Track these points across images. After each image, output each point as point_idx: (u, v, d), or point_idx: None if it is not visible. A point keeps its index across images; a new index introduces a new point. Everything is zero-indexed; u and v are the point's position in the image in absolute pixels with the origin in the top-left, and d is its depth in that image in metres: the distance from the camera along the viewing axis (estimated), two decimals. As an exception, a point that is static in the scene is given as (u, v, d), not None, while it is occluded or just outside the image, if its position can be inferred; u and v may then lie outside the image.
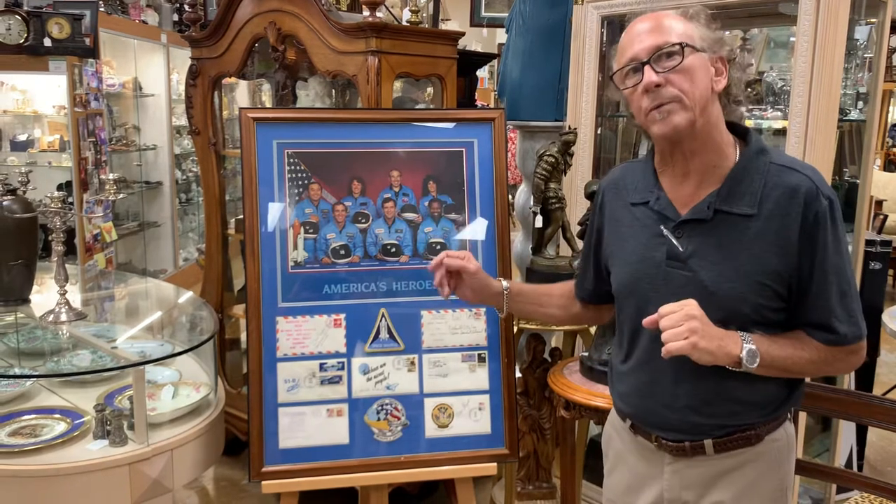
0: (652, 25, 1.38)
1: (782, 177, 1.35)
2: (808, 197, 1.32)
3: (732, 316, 1.36)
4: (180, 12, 6.05)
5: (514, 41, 3.14)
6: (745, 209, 1.36)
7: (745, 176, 1.37)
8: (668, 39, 1.34)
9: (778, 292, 1.36)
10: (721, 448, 1.45)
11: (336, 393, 2.06)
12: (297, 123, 2.17)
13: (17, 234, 2.37)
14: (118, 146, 5.48)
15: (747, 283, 1.35)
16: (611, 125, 2.99)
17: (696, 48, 1.34)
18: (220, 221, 3.19)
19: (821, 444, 2.85)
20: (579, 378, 2.18)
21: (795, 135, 2.21)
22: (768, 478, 1.47)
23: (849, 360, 1.41)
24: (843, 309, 1.36)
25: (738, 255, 1.36)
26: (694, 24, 1.37)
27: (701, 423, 1.44)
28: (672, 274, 1.42)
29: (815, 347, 1.37)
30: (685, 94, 1.33)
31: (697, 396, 1.43)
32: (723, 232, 1.37)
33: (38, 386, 2.32)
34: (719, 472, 1.47)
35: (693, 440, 1.46)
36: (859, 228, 2.61)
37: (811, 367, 1.40)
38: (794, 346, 1.37)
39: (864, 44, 2.65)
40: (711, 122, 1.37)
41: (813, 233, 1.33)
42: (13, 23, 4.22)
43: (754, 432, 1.44)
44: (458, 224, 2.15)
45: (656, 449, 1.50)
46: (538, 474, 2.65)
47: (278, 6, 2.68)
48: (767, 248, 1.34)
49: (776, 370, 1.37)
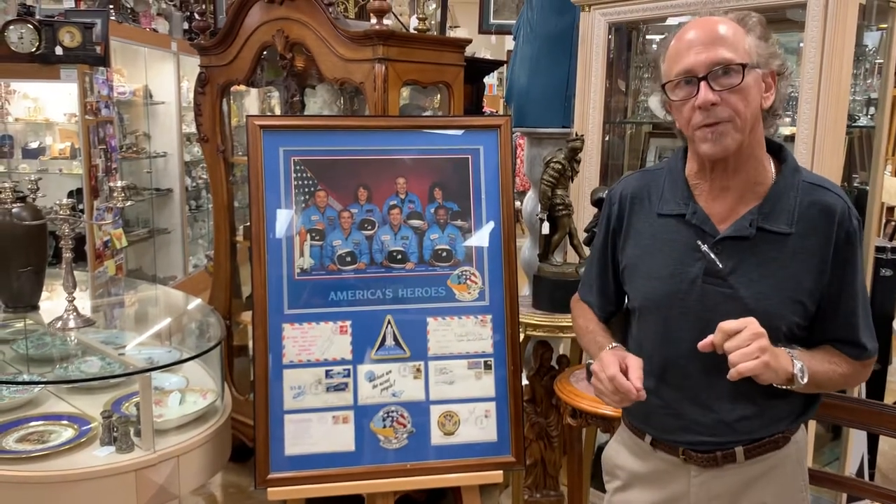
0: (709, 36, 1.30)
1: (815, 195, 1.36)
2: (842, 217, 1.35)
3: (769, 333, 1.30)
4: (190, 21, 6.09)
5: (522, 48, 3.14)
6: (784, 227, 1.35)
7: (784, 193, 1.37)
8: (727, 56, 1.28)
9: (808, 309, 1.38)
10: (751, 454, 1.45)
11: (342, 400, 2.06)
12: (303, 131, 2.18)
13: (27, 240, 2.38)
14: (128, 153, 5.52)
15: (784, 300, 1.36)
16: (618, 132, 2.99)
17: (754, 66, 1.30)
18: (229, 228, 3.20)
19: (831, 452, 2.82)
20: (586, 386, 2.17)
21: (804, 141, 2.20)
22: (793, 478, 1.49)
23: (865, 373, 1.46)
24: (866, 325, 1.41)
25: (775, 272, 1.36)
26: (751, 37, 1.31)
27: (733, 438, 1.44)
28: (708, 290, 1.38)
29: (847, 362, 1.41)
30: (739, 115, 1.30)
31: (735, 412, 1.41)
32: (762, 249, 1.36)
33: (47, 392, 2.33)
34: (748, 479, 1.45)
35: (724, 450, 1.44)
36: (869, 235, 2.59)
37: (842, 382, 1.43)
38: (830, 362, 1.40)
39: (873, 49, 2.63)
40: (756, 140, 1.36)
41: (845, 252, 1.36)
42: (25, 31, 4.27)
43: (782, 436, 1.46)
44: (463, 231, 2.15)
45: (682, 463, 1.47)
46: (545, 482, 2.64)
47: (286, 14, 2.69)
48: (803, 267, 1.35)
49: (815, 386, 1.36)
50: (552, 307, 2.49)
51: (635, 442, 1.56)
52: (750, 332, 1.25)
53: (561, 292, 2.48)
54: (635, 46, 2.90)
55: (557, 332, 2.47)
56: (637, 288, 1.50)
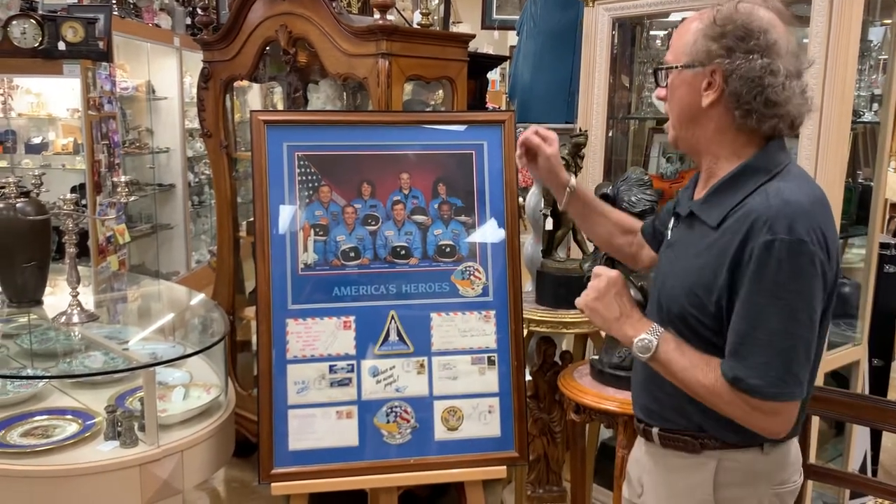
0: (673, 37, 1.43)
1: (755, 198, 1.30)
2: (754, 224, 1.25)
3: (667, 313, 1.41)
4: (193, 16, 6.08)
5: (525, 43, 3.13)
6: (711, 221, 1.36)
7: (728, 189, 1.35)
8: (667, 58, 1.42)
9: (706, 306, 1.33)
10: (666, 443, 1.47)
11: (346, 395, 2.06)
12: (307, 126, 2.18)
13: (31, 235, 2.39)
14: (131, 149, 5.52)
15: (684, 286, 1.38)
16: (622, 128, 2.98)
17: (687, 66, 1.36)
18: (232, 224, 3.20)
19: (834, 448, 2.82)
20: (590, 381, 2.17)
21: (808, 137, 2.19)
22: (697, 493, 1.42)
23: (752, 414, 1.29)
24: (749, 354, 1.26)
25: (688, 258, 1.39)
26: (698, 35, 1.34)
27: (651, 407, 1.49)
28: (661, 257, 1.54)
29: (715, 377, 1.30)
30: (670, 113, 1.44)
31: (649, 381, 1.48)
32: (694, 235, 1.41)
33: (51, 387, 2.34)
34: (668, 468, 1.48)
35: (646, 425, 1.51)
36: (873, 231, 2.59)
37: (704, 393, 1.32)
38: (696, 364, 1.33)
39: (878, 45, 2.63)
40: (707, 136, 1.39)
41: (745, 262, 1.26)
42: (28, 27, 4.26)
43: (693, 440, 1.42)
44: (467, 227, 2.15)
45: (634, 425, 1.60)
46: (548, 478, 2.64)
47: (289, 9, 2.69)
48: (710, 261, 1.33)
49: (671, 376, 1.37)
50: (555, 303, 2.49)
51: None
52: (600, 277, 1.45)
53: (564, 288, 2.47)
54: (639, 42, 2.89)
55: (560, 328, 2.47)
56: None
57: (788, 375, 1.26)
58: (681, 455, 1.45)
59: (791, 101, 1.31)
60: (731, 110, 1.33)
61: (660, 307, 1.44)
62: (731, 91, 1.31)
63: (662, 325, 1.40)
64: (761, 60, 1.29)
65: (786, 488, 1.44)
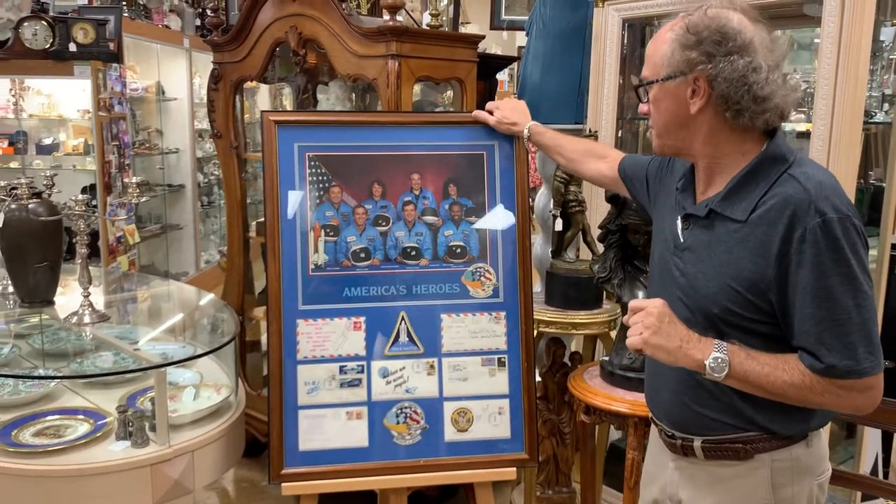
0: (648, 51, 1.45)
1: (784, 186, 1.30)
2: (797, 210, 1.26)
3: (704, 315, 1.37)
4: (203, 17, 6.11)
5: (535, 44, 3.13)
6: (738, 215, 1.35)
7: (749, 182, 1.36)
8: (644, 73, 1.43)
9: (752, 301, 1.32)
10: (711, 455, 1.44)
11: (356, 396, 2.06)
12: (318, 126, 2.18)
13: (43, 236, 2.40)
14: (141, 150, 5.54)
15: (720, 284, 1.35)
16: (631, 128, 2.98)
17: (667, 78, 1.37)
18: (242, 224, 3.21)
19: (846, 451, 2.81)
20: (599, 382, 2.17)
21: (820, 137, 2.18)
22: (755, 499, 1.42)
23: (847, 396, 1.29)
24: (834, 338, 1.26)
25: (720, 255, 1.37)
26: (674, 46, 1.36)
27: (690, 419, 1.45)
28: (674, 262, 1.46)
29: (800, 372, 1.29)
30: (654, 124, 1.45)
31: (687, 390, 1.44)
32: (717, 233, 1.39)
33: (62, 387, 2.35)
34: (714, 480, 1.46)
35: (684, 439, 1.47)
36: (885, 233, 2.57)
37: (794, 392, 1.30)
38: (775, 366, 1.30)
39: (890, 45, 2.61)
40: (700, 139, 1.40)
41: (795, 249, 1.27)
42: (39, 28, 4.29)
43: (744, 447, 1.41)
44: (478, 228, 2.15)
45: (664, 441, 1.54)
46: (558, 479, 2.64)
47: (299, 11, 2.69)
48: (747, 255, 1.32)
49: (752, 387, 1.32)
50: (565, 304, 2.48)
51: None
52: (647, 311, 1.34)
53: (573, 289, 2.48)
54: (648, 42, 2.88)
55: (570, 329, 2.47)
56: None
57: (872, 347, 1.28)
58: (729, 464, 1.42)
59: (777, 93, 1.33)
60: (721, 112, 1.35)
61: (691, 312, 1.39)
62: (718, 94, 1.33)
63: (700, 329, 1.35)
64: (742, 60, 1.30)
65: (824, 478, 1.47)
